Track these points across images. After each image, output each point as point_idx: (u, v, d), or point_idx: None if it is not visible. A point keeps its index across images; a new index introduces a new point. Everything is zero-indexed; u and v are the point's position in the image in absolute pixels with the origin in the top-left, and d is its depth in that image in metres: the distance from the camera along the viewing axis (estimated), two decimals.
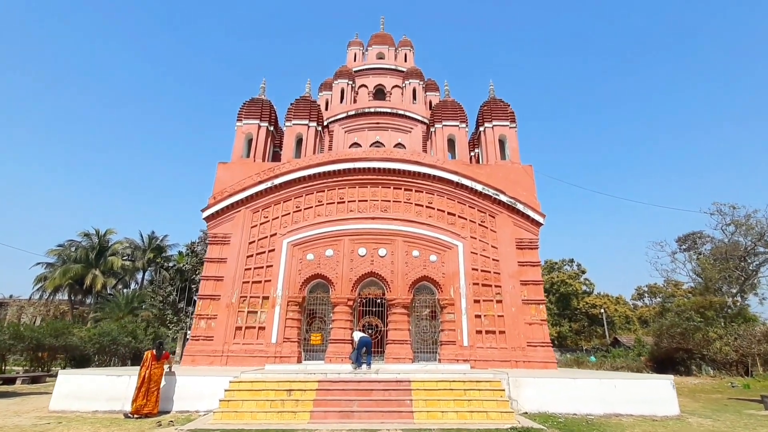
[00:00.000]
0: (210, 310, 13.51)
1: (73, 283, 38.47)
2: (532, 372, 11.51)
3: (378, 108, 19.71)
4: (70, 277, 37.54)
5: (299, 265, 13.92)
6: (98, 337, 23.29)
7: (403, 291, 13.53)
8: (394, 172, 14.96)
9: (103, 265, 39.55)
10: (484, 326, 13.20)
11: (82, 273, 37.81)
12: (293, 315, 13.38)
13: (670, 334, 26.97)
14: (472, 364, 12.55)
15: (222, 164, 15.48)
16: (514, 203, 14.48)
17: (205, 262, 14.15)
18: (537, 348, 12.95)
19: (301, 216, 14.57)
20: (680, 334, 26.28)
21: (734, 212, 31.66)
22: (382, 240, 14.15)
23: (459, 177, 14.74)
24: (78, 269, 37.95)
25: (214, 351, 12.86)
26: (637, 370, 26.35)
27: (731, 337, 24.85)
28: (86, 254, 39.64)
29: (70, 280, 37.86)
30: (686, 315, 28.18)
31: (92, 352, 23.09)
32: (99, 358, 23.95)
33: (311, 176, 14.89)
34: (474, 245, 14.15)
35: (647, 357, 29.37)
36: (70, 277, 37.47)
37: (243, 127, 16.38)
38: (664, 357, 27.79)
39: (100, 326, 28.08)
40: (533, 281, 13.76)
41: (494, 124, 16.28)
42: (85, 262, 38.84)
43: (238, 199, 14.65)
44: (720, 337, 25.06)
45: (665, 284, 51.41)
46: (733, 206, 31.70)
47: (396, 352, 12.84)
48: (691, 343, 25.68)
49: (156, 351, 9.38)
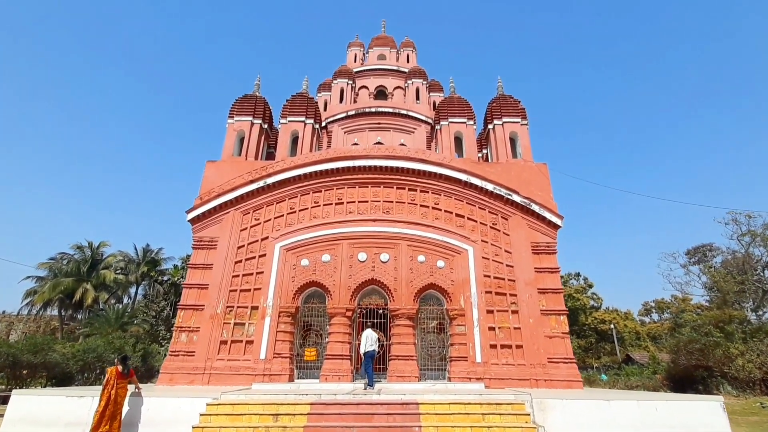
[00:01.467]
0: (192, 321, 12.11)
1: (64, 297, 37.00)
2: (557, 393, 10.04)
3: (379, 107, 18.67)
4: (61, 291, 36.00)
5: (293, 271, 12.58)
6: (82, 353, 21.75)
7: (408, 300, 12.15)
8: (397, 171, 13.76)
9: (95, 278, 38.07)
10: (499, 340, 11.78)
11: (73, 287, 36.31)
12: (285, 327, 11.97)
13: (688, 351, 25.37)
14: (486, 383, 11.08)
15: (210, 163, 14.30)
16: (529, 204, 13.23)
17: (189, 269, 12.81)
18: (559, 365, 11.49)
19: (296, 218, 13.31)
20: (699, 351, 24.69)
21: (750, 221, 30.39)
22: (384, 244, 12.85)
23: (468, 176, 13.54)
24: (69, 283, 36.45)
25: (196, 368, 11.41)
26: (653, 389, 24.74)
27: (754, 353, 23.28)
28: (78, 267, 38.21)
29: (61, 295, 36.33)
30: (705, 330, 26.63)
31: (75, 369, 21.56)
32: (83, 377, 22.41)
33: (307, 175, 13.69)
34: (486, 250, 12.84)
35: (663, 375, 27.74)
36: (60, 291, 35.94)
37: (234, 124, 15.27)
38: (682, 375, 26.13)
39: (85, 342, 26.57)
40: (552, 289, 12.39)
41: (504, 121, 15.16)
42: (77, 275, 37.38)
43: (226, 200, 13.41)
44: (741, 353, 23.52)
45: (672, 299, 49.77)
46: (748, 215, 30.44)
47: (400, 369, 11.39)
48: (711, 360, 24.08)
49: (121, 367, 7.97)
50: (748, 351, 23.48)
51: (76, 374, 21.99)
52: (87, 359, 21.95)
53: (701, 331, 26.82)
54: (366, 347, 10.31)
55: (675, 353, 26.86)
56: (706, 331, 25.87)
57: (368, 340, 10.38)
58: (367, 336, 10.38)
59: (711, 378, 23.99)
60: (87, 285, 36.99)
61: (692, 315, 42.39)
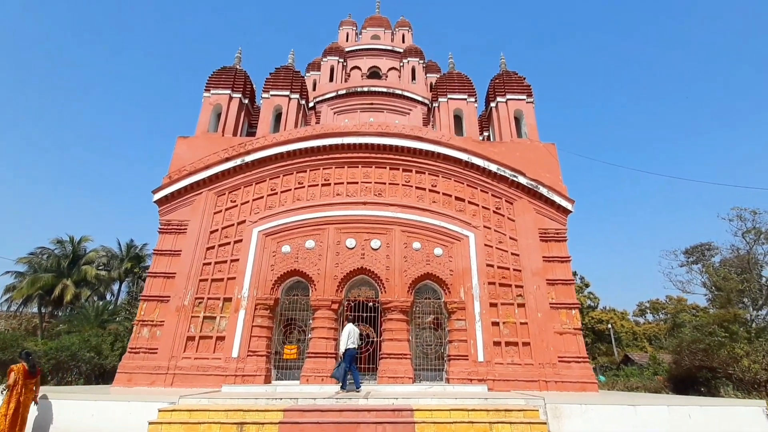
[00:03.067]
0: (156, 315, 10.64)
1: (44, 293, 35.29)
2: (573, 397, 8.74)
3: (372, 87, 17.31)
4: (40, 287, 34.14)
5: (272, 259, 11.16)
6: (54, 351, 20.15)
7: (401, 292, 10.80)
8: (390, 150, 12.41)
9: (76, 274, 36.26)
10: (504, 336, 10.46)
11: (52, 283, 34.52)
12: (262, 321, 10.55)
13: (691, 351, 24.31)
14: (489, 385, 9.76)
15: (182, 139, 12.83)
16: (536, 186, 11.94)
17: (154, 256, 11.34)
18: (571, 364, 10.21)
19: (277, 200, 11.89)
20: (703, 351, 23.60)
21: (756, 218, 29.36)
22: (375, 229, 11.48)
23: (469, 155, 12.22)
24: (48, 279, 34.58)
25: (158, 367, 9.95)
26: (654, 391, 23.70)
27: (759, 354, 22.30)
28: (58, 263, 36.33)
29: (40, 291, 34.61)
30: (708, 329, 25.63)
31: (47, 368, 19.95)
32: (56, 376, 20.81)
33: (291, 153, 12.29)
34: (488, 236, 11.53)
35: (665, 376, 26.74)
36: (39, 287, 34.07)
37: (211, 97, 13.81)
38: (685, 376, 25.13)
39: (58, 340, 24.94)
40: (563, 280, 11.11)
41: (508, 98, 13.88)
42: (57, 271, 35.53)
43: (199, 179, 11.95)
44: (747, 353, 22.54)
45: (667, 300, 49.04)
46: (754, 211, 29.43)
47: (392, 370, 10.02)
48: (716, 361, 23.05)
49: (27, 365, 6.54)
50: (753, 351, 22.52)
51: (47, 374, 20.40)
52: (60, 358, 20.36)
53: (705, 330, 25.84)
54: (347, 344, 8.97)
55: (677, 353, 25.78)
56: (710, 331, 24.85)
57: (350, 336, 9.03)
58: (348, 332, 9.08)
59: (715, 379, 23.00)
60: (67, 281, 35.16)
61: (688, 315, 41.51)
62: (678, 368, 26.82)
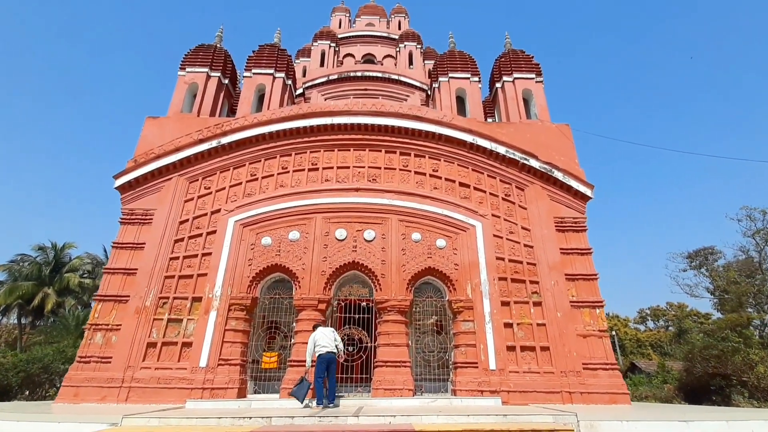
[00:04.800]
0: (112, 317, 9.09)
1: (23, 303, 33.38)
2: (605, 411, 7.27)
3: (366, 72, 16.02)
4: (19, 297, 32.26)
5: (250, 252, 9.69)
6: (24, 364, 18.37)
7: (399, 289, 9.34)
8: (386, 131, 11.06)
9: (58, 282, 34.32)
10: (519, 340, 9.00)
11: (32, 291, 32.62)
12: (237, 324, 9.03)
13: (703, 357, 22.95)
14: (503, 398, 8.27)
15: (151, 119, 11.40)
16: (550, 170, 10.61)
17: (113, 250, 9.81)
18: (598, 372, 8.75)
19: (257, 187, 10.46)
20: (716, 357, 22.22)
21: (766, 218, 28.24)
22: (369, 218, 10.06)
23: (474, 136, 10.89)
24: (28, 287, 32.59)
25: (111, 380, 8.37)
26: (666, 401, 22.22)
27: None
28: (39, 270, 34.53)
29: (20, 300, 32.71)
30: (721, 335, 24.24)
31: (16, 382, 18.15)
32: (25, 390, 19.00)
33: (274, 135, 10.89)
34: (497, 226, 10.14)
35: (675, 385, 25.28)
36: (18, 296, 32.08)
37: (186, 76, 12.42)
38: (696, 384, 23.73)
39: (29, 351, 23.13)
40: (584, 275, 9.71)
41: (515, 77, 12.60)
42: (38, 279, 33.65)
43: (169, 163, 10.51)
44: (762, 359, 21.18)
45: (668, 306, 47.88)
46: (764, 211, 28.32)
47: (389, 380, 8.51)
48: (730, 368, 21.68)
49: None
50: None
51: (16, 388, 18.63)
52: (30, 370, 18.56)
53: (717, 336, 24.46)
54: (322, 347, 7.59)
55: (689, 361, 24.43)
56: (722, 336, 23.52)
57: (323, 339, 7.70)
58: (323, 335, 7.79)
59: (729, 387, 21.62)
60: (48, 289, 33.22)
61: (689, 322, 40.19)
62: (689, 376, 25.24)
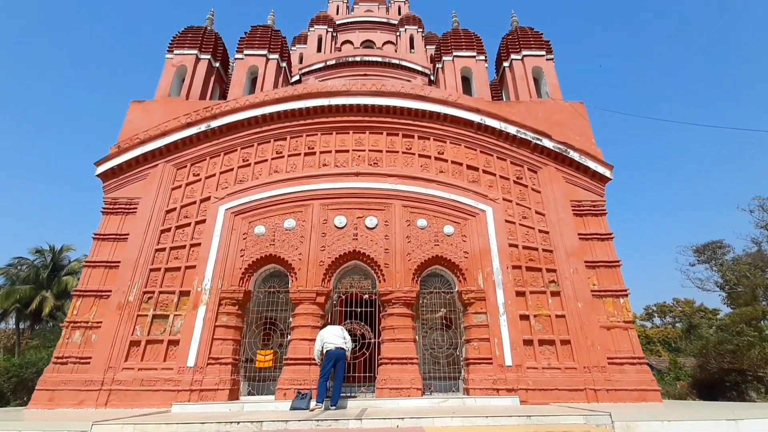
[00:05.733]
0: (92, 314, 8.36)
1: (21, 307, 32.74)
2: (637, 409, 6.49)
3: (366, 56, 15.28)
4: (17, 301, 31.63)
5: (242, 242, 8.94)
6: (17, 368, 17.65)
7: (405, 280, 8.58)
8: (387, 112, 10.32)
9: (56, 286, 33.74)
10: (536, 333, 8.22)
11: (30, 295, 31.98)
12: (228, 320, 8.28)
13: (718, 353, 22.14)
14: (522, 397, 7.50)
15: (136, 103, 10.67)
16: (565, 150, 9.83)
17: (94, 242, 9.07)
18: (624, 367, 7.97)
19: (250, 173, 9.72)
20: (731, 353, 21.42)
21: None
22: (370, 204, 9.31)
23: (482, 116, 10.13)
24: (26, 291, 31.93)
25: (90, 382, 7.63)
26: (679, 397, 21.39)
27: None
28: (36, 274, 33.91)
29: (17, 304, 32.08)
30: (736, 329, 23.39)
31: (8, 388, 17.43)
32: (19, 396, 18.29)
33: (268, 117, 10.16)
34: (509, 211, 9.37)
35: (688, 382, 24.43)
36: (15, 300, 31.45)
37: (174, 59, 11.69)
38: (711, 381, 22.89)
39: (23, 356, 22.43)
40: (605, 262, 8.92)
41: (524, 55, 11.83)
42: (35, 282, 33.05)
43: (155, 148, 9.78)
44: None
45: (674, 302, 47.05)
46: None
47: (395, 379, 7.74)
48: (746, 363, 20.86)
49: None
50: None
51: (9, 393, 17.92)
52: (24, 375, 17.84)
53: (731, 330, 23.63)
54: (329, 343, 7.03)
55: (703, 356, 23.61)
56: (737, 330, 22.69)
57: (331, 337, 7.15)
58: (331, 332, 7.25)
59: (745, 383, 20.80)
60: (46, 293, 32.57)
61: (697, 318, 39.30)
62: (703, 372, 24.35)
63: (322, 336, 7.21)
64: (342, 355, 7.02)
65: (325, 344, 7.08)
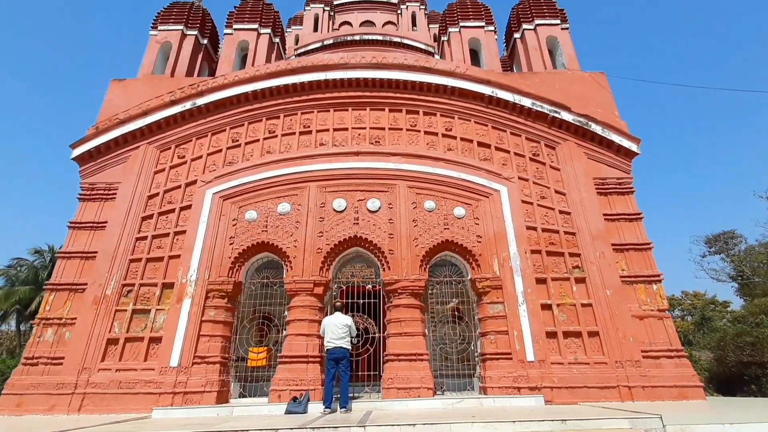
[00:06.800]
0: (66, 310, 7.56)
1: (21, 308, 32.17)
2: (684, 409, 5.62)
3: (365, 35, 14.37)
4: (16, 302, 31.07)
5: (231, 229, 8.10)
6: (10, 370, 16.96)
7: (412, 267, 7.71)
8: (389, 86, 9.43)
9: None
10: (560, 324, 7.34)
11: (30, 296, 31.36)
12: (216, 315, 7.45)
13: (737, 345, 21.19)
14: (546, 396, 6.64)
15: (117, 82, 9.83)
16: (586, 124, 8.92)
17: (69, 231, 8.26)
18: (661, 360, 7.09)
19: (240, 154, 8.87)
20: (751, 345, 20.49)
21: None
22: (372, 186, 8.44)
23: (493, 88, 9.23)
24: (25, 292, 31.21)
25: (62, 385, 6.83)
26: None
27: None
28: (36, 274, 33.31)
29: (17, 306, 31.50)
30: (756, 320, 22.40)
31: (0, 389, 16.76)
32: None
33: (258, 94, 9.30)
34: (526, 190, 8.48)
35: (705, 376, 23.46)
36: (14, 301, 30.86)
37: (158, 35, 10.84)
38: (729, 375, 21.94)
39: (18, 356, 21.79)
40: (635, 245, 8.03)
41: (537, 24, 10.90)
42: (35, 283, 32.44)
43: (135, 129, 8.95)
44: None
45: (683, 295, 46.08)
46: None
47: (403, 377, 6.89)
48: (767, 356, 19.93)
49: None
50: None
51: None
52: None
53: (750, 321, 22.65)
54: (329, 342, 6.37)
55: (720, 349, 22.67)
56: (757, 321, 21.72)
57: (332, 331, 6.43)
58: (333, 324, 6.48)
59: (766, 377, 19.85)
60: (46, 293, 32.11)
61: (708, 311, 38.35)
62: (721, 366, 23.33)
63: (323, 327, 6.61)
64: (344, 355, 6.29)
65: (325, 342, 6.38)
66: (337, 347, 6.28)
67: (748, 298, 27.98)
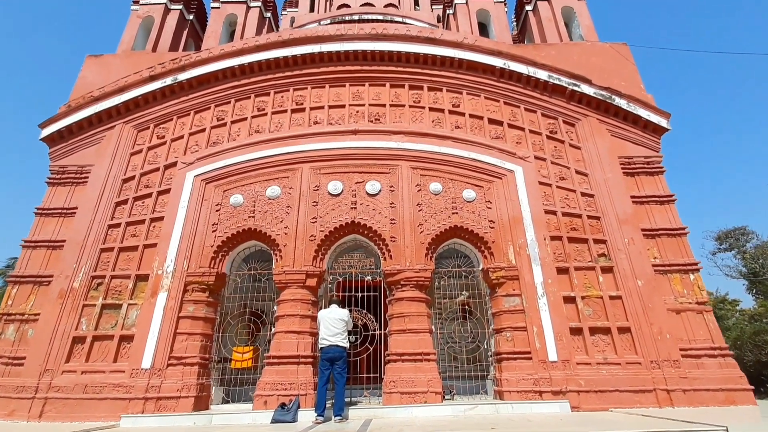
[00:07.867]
0: (30, 304, 6.75)
1: None
2: (743, 418, 4.74)
3: (365, 14, 13.48)
4: None
5: (215, 215, 7.27)
6: None
7: (416, 256, 6.85)
8: (390, 59, 8.58)
9: None
10: (586, 319, 6.46)
11: None
12: (196, 310, 6.62)
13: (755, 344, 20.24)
14: (572, 401, 5.76)
15: (92, 58, 9.02)
16: (609, 97, 8.03)
17: (36, 217, 7.45)
18: (703, 360, 6.20)
19: (226, 133, 8.03)
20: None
21: None
22: (372, 167, 7.59)
23: (505, 60, 8.35)
24: None
25: (22, 388, 6.02)
26: None
27: None
28: None
29: None
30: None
31: None
32: None
33: (246, 68, 8.47)
34: (543, 171, 7.60)
35: None
36: None
37: (140, 9, 10.03)
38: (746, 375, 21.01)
39: None
40: (668, 230, 7.13)
41: None
42: None
43: (111, 107, 8.13)
44: None
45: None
46: None
47: (407, 380, 6.03)
48: None
49: None
50: None
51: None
52: None
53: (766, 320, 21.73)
54: (323, 339, 5.55)
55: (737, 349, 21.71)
56: None
57: (326, 327, 5.63)
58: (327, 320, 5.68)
59: None
60: None
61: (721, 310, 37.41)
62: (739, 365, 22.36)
63: (318, 321, 5.82)
64: (340, 354, 5.45)
65: (320, 338, 5.56)
66: (332, 345, 5.45)
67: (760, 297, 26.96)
